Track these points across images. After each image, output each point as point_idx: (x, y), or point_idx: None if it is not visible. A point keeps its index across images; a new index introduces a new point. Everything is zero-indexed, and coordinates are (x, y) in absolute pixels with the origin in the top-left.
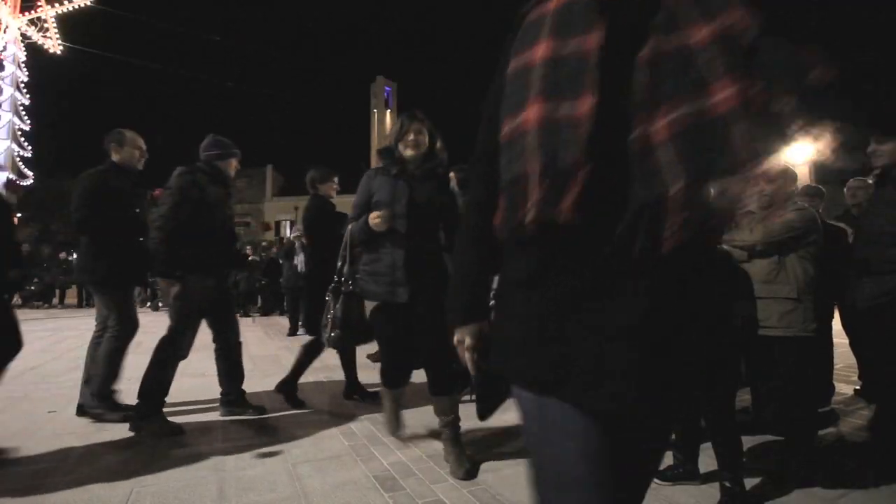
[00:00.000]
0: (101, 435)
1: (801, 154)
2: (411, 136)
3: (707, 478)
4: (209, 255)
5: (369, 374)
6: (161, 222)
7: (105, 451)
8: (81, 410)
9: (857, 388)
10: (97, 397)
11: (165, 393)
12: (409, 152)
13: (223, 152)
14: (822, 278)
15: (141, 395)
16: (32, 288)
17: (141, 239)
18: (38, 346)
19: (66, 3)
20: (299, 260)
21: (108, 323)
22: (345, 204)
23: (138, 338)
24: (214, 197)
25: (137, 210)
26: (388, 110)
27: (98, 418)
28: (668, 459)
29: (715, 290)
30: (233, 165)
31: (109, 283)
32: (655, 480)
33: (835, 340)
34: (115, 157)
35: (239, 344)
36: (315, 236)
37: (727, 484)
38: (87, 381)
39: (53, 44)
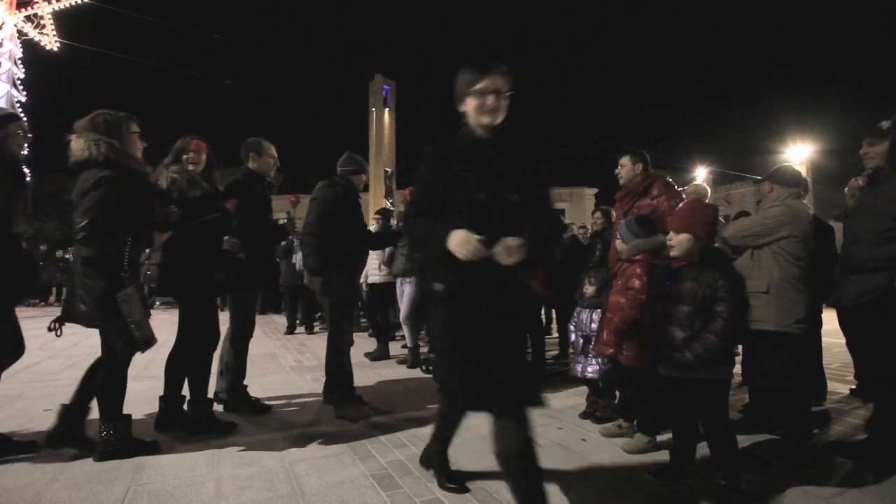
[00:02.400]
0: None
1: (798, 154)
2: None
3: (703, 476)
4: (345, 256)
5: (367, 373)
6: (310, 229)
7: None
8: (217, 398)
9: (853, 387)
10: (228, 392)
11: (350, 377)
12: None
13: (357, 168)
14: (807, 276)
15: (329, 385)
16: None
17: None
18: (34, 343)
19: None
20: (297, 258)
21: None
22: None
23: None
24: (348, 206)
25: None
26: (387, 109)
27: (230, 409)
28: (665, 458)
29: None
30: (362, 180)
31: (246, 285)
32: (652, 478)
33: (831, 340)
34: (252, 165)
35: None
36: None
37: (723, 482)
38: (221, 372)
39: (50, 40)
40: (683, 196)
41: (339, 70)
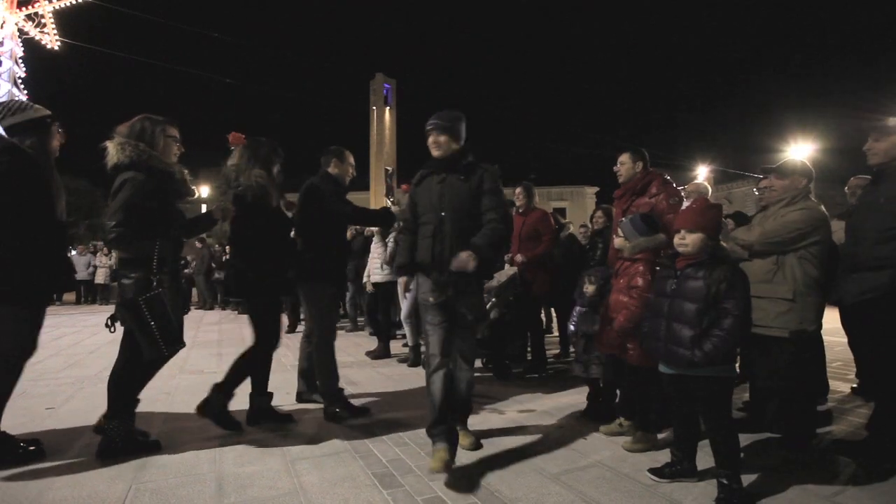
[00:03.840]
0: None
1: (800, 152)
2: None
3: (705, 475)
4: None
5: (368, 372)
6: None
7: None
8: (300, 398)
9: (854, 385)
10: (325, 397)
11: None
12: None
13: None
14: (825, 279)
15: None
16: None
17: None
18: None
19: None
20: None
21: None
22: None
23: None
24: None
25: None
26: (388, 107)
27: (334, 418)
28: (666, 457)
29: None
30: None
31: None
32: (653, 478)
33: (833, 339)
34: (332, 170)
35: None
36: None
37: (725, 481)
38: (301, 371)
39: (51, 39)
40: (682, 194)
41: (340, 68)
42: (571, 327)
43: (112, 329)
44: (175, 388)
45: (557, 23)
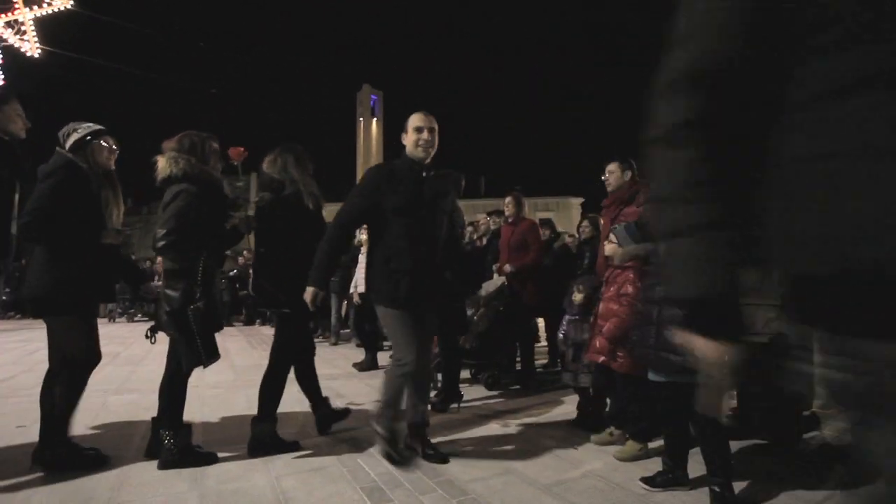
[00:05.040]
0: None
1: None
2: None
3: (696, 483)
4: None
5: (356, 384)
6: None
7: (80, 466)
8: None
9: None
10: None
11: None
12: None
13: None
14: None
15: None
16: (4, 298)
17: None
18: (9, 357)
19: (44, 6)
20: None
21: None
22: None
23: (114, 349)
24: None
25: None
26: (375, 119)
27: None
28: (657, 465)
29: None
30: None
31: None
32: (645, 487)
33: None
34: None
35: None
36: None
37: (717, 489)
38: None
39: (31, 46)
40: None
41: (327, 79)
42: (561, 336)
43: (153, 340)
44: (155, 404)
45: (545, 36)
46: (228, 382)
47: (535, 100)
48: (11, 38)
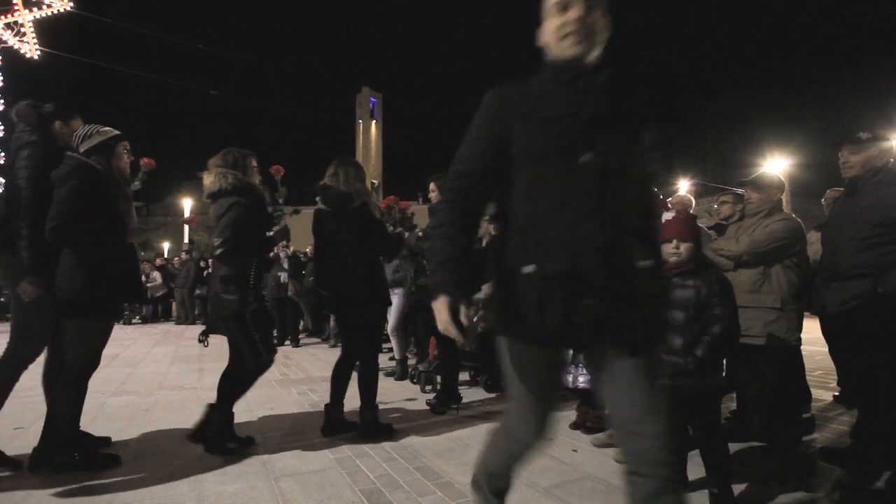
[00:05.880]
0: None
1: (777, 167)
2: None
3: (695, 485)
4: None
5: (354, 386)
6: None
7: (78, 468)
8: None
9: (836, 394)
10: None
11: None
12: None
13: None
14: (804, 287)
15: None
16: (3, 300)
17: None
18: None
19: (44, 7)
20: (283, 274)
21: None
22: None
23: (112, 350)
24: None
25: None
26: (374, 121)
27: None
28: None
29: None
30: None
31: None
32: None
33: (813, 348)
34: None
35: None
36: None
37: (715, 491)
38: None
39: (31, 48)
40: (668, 205)
41: (327, 82)
42: None
43: (206, 344)
44: (154, 405)
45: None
46: None
47: None
48: (11, 40)
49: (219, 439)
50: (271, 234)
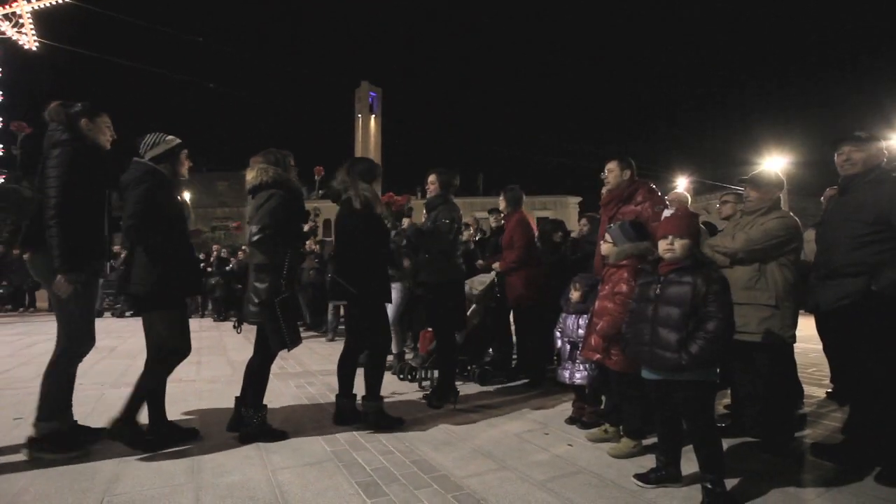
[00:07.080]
0: None
1: (774, 165)
2: None
3: (689, 480)
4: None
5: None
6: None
7: (75, 458)
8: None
9: (829, 390)
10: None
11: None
12: None
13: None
14: (799, 284)
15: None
16: (2, 291)
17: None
18: (6, 350)
19: None
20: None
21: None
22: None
23: (111, 342)
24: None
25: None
26: (373, 115)
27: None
28: (651, 462)
29: None
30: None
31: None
32: (639, 483)
33: (807, 345)
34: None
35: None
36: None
37: (709, 485)
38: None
39: (29, 40)
40: (667, 203)
41: (326, 76)
42: (557, 334)
43: (239, 331)
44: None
45: (542, 36)
46: (226, 377)
47: (534, 98)
48: (9, 31)
49: (261, 430)
50: (306, 228)
